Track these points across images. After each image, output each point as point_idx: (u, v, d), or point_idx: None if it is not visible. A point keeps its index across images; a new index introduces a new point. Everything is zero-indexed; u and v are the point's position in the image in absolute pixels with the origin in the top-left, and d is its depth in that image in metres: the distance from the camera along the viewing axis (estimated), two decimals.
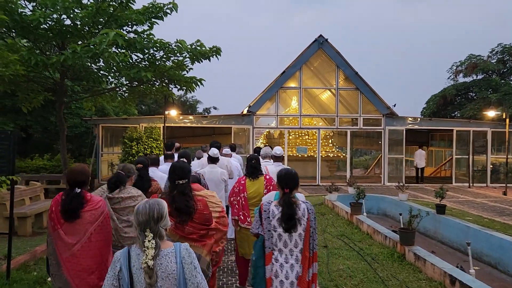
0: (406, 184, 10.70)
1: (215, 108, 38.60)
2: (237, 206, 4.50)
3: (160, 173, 5.27)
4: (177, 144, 8.98)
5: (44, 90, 10.95)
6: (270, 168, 5.40)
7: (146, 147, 13.23)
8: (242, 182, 4.60)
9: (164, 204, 2.12)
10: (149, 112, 28.14)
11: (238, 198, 4.50)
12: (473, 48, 76.41)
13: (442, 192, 8.45)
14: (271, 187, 4.49)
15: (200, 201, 2.95)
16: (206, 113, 34.15)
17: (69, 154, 16.65)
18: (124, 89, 11.91)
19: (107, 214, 3.00)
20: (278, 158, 5.63)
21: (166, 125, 14.95)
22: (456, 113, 25.15)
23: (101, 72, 9.76)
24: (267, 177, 4.65)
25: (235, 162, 7.44)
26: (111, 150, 15.90)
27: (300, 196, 3.40)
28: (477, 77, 24.70)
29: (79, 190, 2.91)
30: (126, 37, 8.34)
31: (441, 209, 8.50)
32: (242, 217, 4.45)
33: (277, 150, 5.66)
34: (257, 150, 7.33)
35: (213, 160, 5.68)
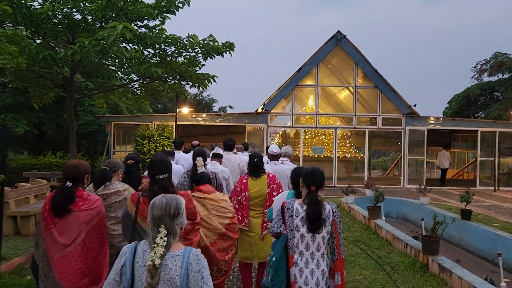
0: (428, 187, 10.11)
1: (231, 107, 38.35)
2: (236, 206, 4.21)
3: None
4: (195, 142, 8.67)
5: (55, 87, 10.83)
6: (266, 168, 4.99)
7: (158, 145, 12.98)
8: (244, 181, 4.33)
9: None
10: (165, 111, 28.03)
11: (239, 197, 4.26)
12: (499, 46, 73.79)
13: (468, 197, 7.87)
14: (275, 186, 4.29)
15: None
16: (221, 112, 33.88)
17: (82, 151, 16.62)
18: (136, 85, 11.72)
19: (103, 215, 2.85)
20: (274, 157, 5.35)
21: (179, 123, 14.73)
22: (480, 113, 24.18)
23: (111, 67, 9.51)
24: (270, 175, 4.40)
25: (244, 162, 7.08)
26: (124, 148, 15.73)
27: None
28: (503, 76, 23.66)
29: (70, 184, 2.75)
30: (135, 31, 8.06)
31: (466, 214, 7.92)
32: (240, 218, 4.16)
33: (273, 148, 5.40)
34: (267, 148, 6.92)
35: (216, 156, 5.47)
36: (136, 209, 2.65)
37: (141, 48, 9.86)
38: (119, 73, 10.10)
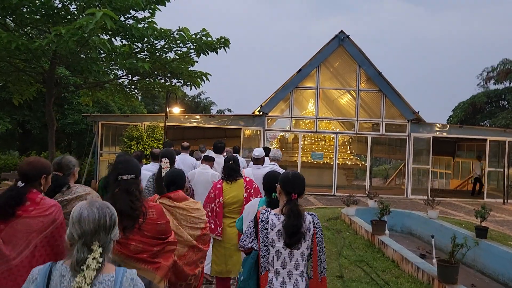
0: (434, 199, 9.25)
1: (229, 110, 37.51)
2: (209, 213, 3.87)
3: (144, 172, 4.52)
4: (185, 144, 7.96)
5: (37, 82, 10.08)
6: (247, 171, 4.96)
7: (147, 147, 12.17)
8: (219, 186, 4.01)
9: (113, 208, 1.68)
10: (161, 112, 27.23)
11: (213, 204, 3.94)
12: (506, 53, 73.04)
13: (484, 212, 7.02)
14: (252, 191, 3.97)
15: (154, 208, 2.37)
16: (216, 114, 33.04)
17: (72, 152, 15.81)
18: (126, 83, 10.97)
19: (61, 224, 2.42)
20: (257, 161, 5.17)
21: (170, 124, 13.90)
22: (485, 122, 23.38)
23: (93, 61, 8.71)
24: (247, 179, 4.10)
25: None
26: (113, 149, 14.90)
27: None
28: (510, 83, 22.89)
29: (23, 184, 2.37)
30: (117, 19, 7.28)
31: (482, 232, 7.07)
32: (213, 226, 3.84)
33: (256, 151, 5.22)
34: (267, 150, 6.54)
35: (207, 159, 5.24)
36: None
37: (127, 41, 9.14)
38: (103, 67, 9.32)
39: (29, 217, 2.34)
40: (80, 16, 7.95)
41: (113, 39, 8.96)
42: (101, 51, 8.16)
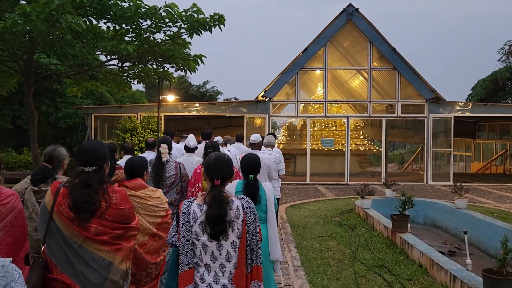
0: (462, 185, 8.10)
1: (236, 99, 36.43)
2: (190, 197, 3.27)
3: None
4: (190, 136, 7.08)
5: (17, 72, 9.21)
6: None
7: (142, 139, 11.26)
8: (198, 171, 4.07)
9: None
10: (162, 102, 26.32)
11: (193, 189, 4.03)
12: None
13: None
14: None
15: (118, 193, 2.25)
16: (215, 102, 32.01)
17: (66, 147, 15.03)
18: (115, 69, 10.05)
19: (19, 212, 2.44)
20: (254, 145, 5.35)
21: (169, 114, 12.99)
22: (508, 100, 21.88)
23: (67, 44, 7.74)
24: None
25: (231, 154, 6.21)
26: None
27: (267, 186, 3.18)
28: None
29: None
30: None
31: None
32: None
33: (253, 137, 5.41)
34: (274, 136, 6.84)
35: (189, 150, 5.06)
36: (53, 200, 2.16)
37: (109, 22, 8.18)
38: (82, 51, 8.36)
39: None
40: None
41: (94, 21, 8.04)
42: (81, 34, 7.24)
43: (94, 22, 7.96)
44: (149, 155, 4.98)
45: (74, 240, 2.08)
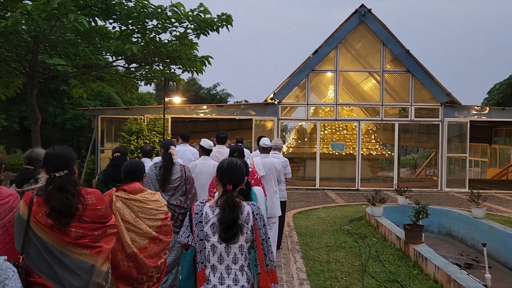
0: (479, 193, 7.68)
1: (246, 101, 36.23)
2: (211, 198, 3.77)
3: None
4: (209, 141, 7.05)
5: (21, 73, 9.12)
6: (256, 160, 5.14)
7: (148, 141, 11.06)
8: None
9: None
10: (169, 104, 26.23)
11: (215, 190, 3.84)
12: None
13: None
14: (253, 181, 3.96)
15: (92, 194, 2.33)
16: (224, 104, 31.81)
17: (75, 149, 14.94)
18: (121, 70, 9.89)
19: None
20: (265, 149, 5.41)
21: (176, 116, 12.80)
22: None
23: (70, 43, 7.59)
24: (250, 169, 3.93)
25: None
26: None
27: (258, 191, 3.35)
28: None
29: None
30: None
31: None
32: None
33: (265, 140, 5.44)
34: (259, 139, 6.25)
35: (205, 152, 5.20)
36: (28, 211, 2.16)
37: (114, 21, 8.03)
38: (85, 51, 8.21)
39: None
40: None
41: (101, 22, 7.94)
42: (85, 33, 7.11)
43: (101, 22, 7.83)
44: (146, 163, 5.08)
45: (55, 247, 2.11)
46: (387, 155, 16.02)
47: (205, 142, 5.22)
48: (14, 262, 2.11)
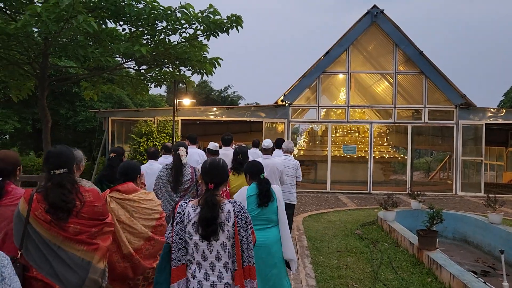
0: (496, 198, 7.44)
1: (257, 104, 36.16)
2: None
3: (158, 165, 5.00)
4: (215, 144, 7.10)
5: (33, 75, 9.19)
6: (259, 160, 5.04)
7: (158, 143, 11.04)
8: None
9: None
10: (179, 106, 26.27)
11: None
12: None
13: None
14: None
15: (90, 191, 2.41)
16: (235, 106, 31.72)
17: (85, 151, 14.99)
18: (132, 72, 9.90)
19: None
20: (266, 151, 5.48)
21: (185, 118, 12.76)
22: None
23: (79, 45, 7.60)
24: None
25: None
26: (127, 148, 13.93)
27: (276, 189, 3.31)
28: None
29: (0, 179, 2.49)
30: None
31: None
32: None
33: (266, 142, 5.53)
34: (280, 141, 6.45)
35: (212, 154, 5.31)
36: (28, 207, 2.23)
37: (123, 23, 8.02)
38: (95, 53, 8.21)
39: (1, 206, 2.44)
40: None
41: (111, 24, 7.94)
42: (95, 35, 7.10)
43: (112, 25, 7.83)
44: (166, 160, 5.46)
45: (53, 242, 2.17)
46: (399, 158, 15.74)
47: (211, 145, 5.42)
48: (12, 257, 2.15)
